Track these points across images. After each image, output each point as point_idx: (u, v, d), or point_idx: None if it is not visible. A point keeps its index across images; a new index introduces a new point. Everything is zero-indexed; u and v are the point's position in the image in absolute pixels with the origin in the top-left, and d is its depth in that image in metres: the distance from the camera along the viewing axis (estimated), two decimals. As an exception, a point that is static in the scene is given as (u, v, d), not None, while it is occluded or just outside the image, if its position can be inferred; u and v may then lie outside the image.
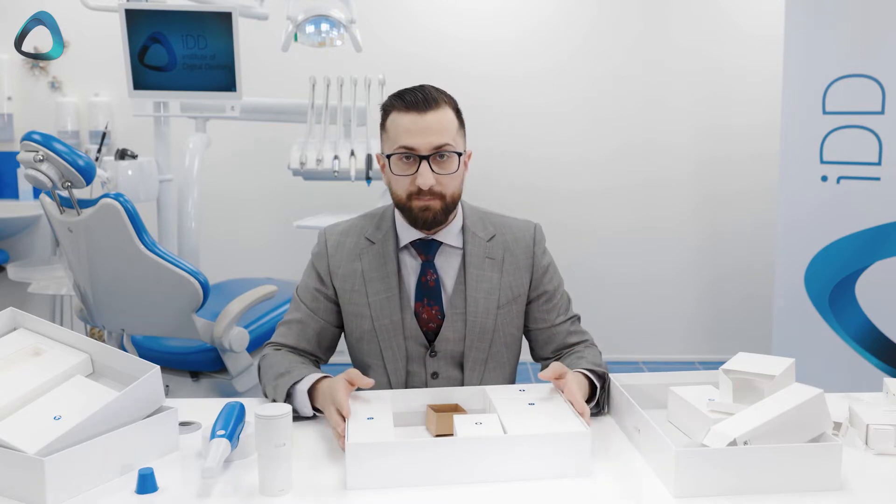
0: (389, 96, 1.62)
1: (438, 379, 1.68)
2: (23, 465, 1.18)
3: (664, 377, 1.60)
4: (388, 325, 1.65)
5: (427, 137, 1.55)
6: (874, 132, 2.87)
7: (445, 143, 1.56)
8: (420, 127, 1.55)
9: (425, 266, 1.66)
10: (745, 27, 4.25)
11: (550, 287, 1.72)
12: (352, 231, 1.72)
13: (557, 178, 4.35)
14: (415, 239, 1.66)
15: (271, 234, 4.34)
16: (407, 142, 1.56)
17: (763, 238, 4.22)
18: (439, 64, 4.21)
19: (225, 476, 1.29)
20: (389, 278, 1.65)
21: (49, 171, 2.28)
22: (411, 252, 1.67)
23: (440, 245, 1.67)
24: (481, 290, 1.66)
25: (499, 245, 1.69)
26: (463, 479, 1.25)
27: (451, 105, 1.61)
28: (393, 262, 1.66)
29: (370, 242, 1.68)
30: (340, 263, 1.69)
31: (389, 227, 1.69)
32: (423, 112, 1.56)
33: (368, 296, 1.65)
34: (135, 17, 2.91)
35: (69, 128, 4.20)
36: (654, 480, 1.27)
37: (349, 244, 1.70)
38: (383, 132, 1.63)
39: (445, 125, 1.57)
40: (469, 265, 1.66)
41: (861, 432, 1.42)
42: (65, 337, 1.48)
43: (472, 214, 1.72)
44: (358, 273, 1.67)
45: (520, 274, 1.70)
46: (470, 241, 1.68)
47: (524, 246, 1.71)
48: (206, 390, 2.73)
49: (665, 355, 4.46)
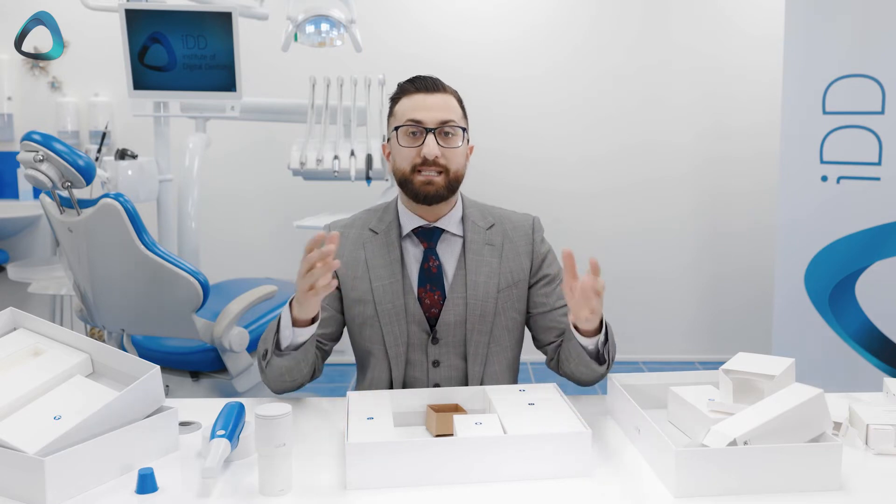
0: (398, 84, 1.71)
1: (440, 367, 1.68)
2: (23, 465, 1.18)
3: (664, 377, 1.60)
4: (391, 310, 1.67)
5: (433, 112, 1.64)
6: (874, 132, 2.87)
7: (451, 118, 1.65)
8: (427, 104, 1.65)
9: (427, 253, 1.70)
10: (745, 27, 4.25)
11: (551, 271, 1.75)
12: (356, 223, 1.77)
13: (557, 179, 4.35)
14: (417, 227, 1.70)
15: (271, 234, 4.34)
16: (415, 115, 1.64)
17: (763, 238, 4.22)
18: (439, 64, 4.20)
19: (225, 476, 1.29)
20: (393, 265, 1.69)
21: (49, 171, 2.28)
22: (413, 240, 1.71)
23: (442, 233, 1.71)
24: (481, 274, 1.69)
25: (498, 233, 1.74)
26: (463, 479, 1.25)
27: (455, 95, 1.71)
28: (396, 250, 1.70)
29: (374, 233, 1.73)
30: (344, 252, 1.72)
31: (393, 218, 1.73)
32: (431, 93, 1.66)
33: (372, 282, 1.69)
34: (135, 17, 2.91)
35: (69, 128, 4.20)
36: (654, 480, 1.27)
37: (353, 235, 1.74)
38: (391, 117, 1.71)
39: (451, 107, 1.67)
40: (469, 251, 1.71)
41: (861, 432, 1.42)
42: (65, 337, 1.48)
43: (472, 206, 1.77)
44: (361, 261, 1.71)
45: (519, 259, 1.74)
46: (470, 228, 1.73)
47: (523, 234, 1.76)
48: (206, 390, 2.73)
49: (665, 355, 4.46)
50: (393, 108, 1.70)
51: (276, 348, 1.56)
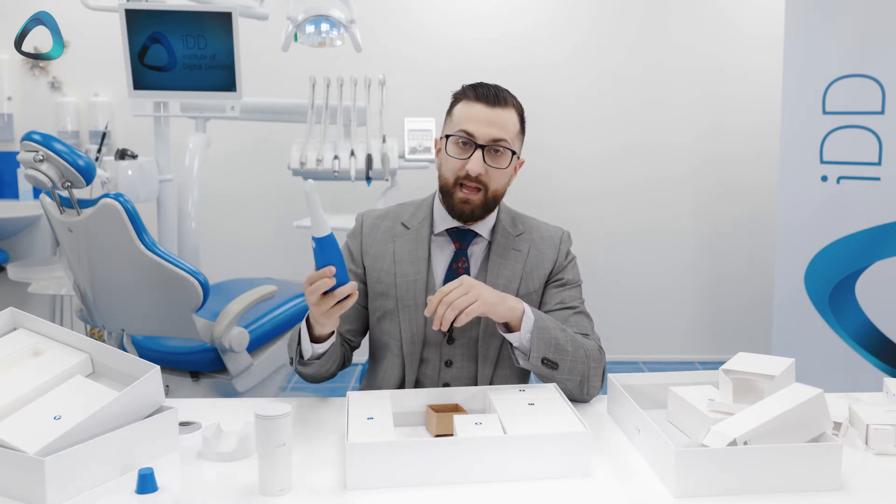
0: (463, 86, 1.68)
1: (451, 368, 1.68)
2: (23, 465, 1.18)
3: (664, 377, 1.60)
4: (412, 306, 1.68)
5: (488, 128, 1.61)
6: (874, 132, 2.87)
7: (504, 137, 1.62)
8: (484, 117, 1.61)
9: (458, 253, 1.70)
10: (745, 27, 4.26)
11: (567, 276, 1.75)
12: (388, 216, 1.77)
13: (557, 178, 4.35)
14: (450, 227, 1.70)
15: (271, 234, 4.34)
16: (468, 127, 1.61)
17: (763, 238, 4.22)
18: (439, 64, 4.21)
19: (225, 476, 1.29)
20: (419, 262, 1.69)
21: (49, 171, 2.28)
22: (446, 238, 1.72)
23: (475, 235, 1.71)
24: (501, 277, 1.69)
25: (525, 241, 1.74)
26: (463, 479, 1.25)
27: (518, 109, 1.67)
28: (425, 248, 1.70)
29: (405, 228, 1.73)
30: (373, 243, 1.73)
31: (426, 215, 1.73)
32: (492, 106, 1.62)
33: (396, 276, 1.69)
34: (135, 17, 2.91)
35: (69, 128, 4.20)
36: (654, 480, 1.27)
37: (384, 227, 1.75)
38: (448, 118, 1.69)
39: (508, 124, 1.63)
40: (493, 254, 1.71)
41: (861, 432, 1.42)
42: (65, 337, 1.48)
43: (507, 213, 1.78)
44: (389, 254, 1.71)
45: (542, 266, 1.73)
46: (500, 233, 1.73)
47: (550, 244, 1.76)
48: (206, 390, 2.73)
49: (665, 355, 4.46)
50: (451, 109, 1.68)
51: (300, 357, 1.58)
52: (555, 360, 1.56)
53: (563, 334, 1.59)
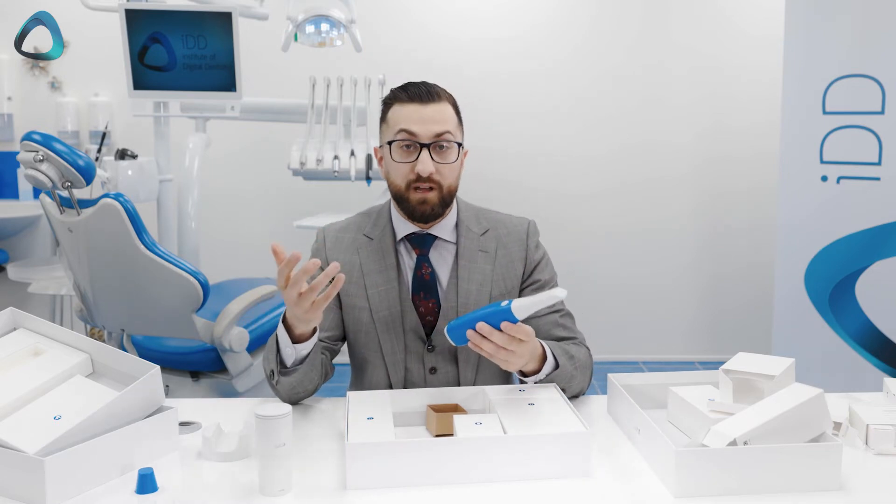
0: (391, 89, 1.65)
1: (436, 374, 1.68)
2: (23, 465, 1.18)
3: (664, 377, 1.60)
4: (387, 317, 1.65)
5: (428, 125, 1.58)
6: (874, 132, 2.87)
7: (446, 130, 1.59)
8: (421, 116, 1.58)
9: (420, 260, 1.67)
10: (745, 27, 4.26)
11: (542, 277, 1.72)
12: (350, 227, 1.74)
13: (557, 179, 4.35)
14: (410, 233, 1.67)
15: (271, 234, 4.34)
16: (409, 127, 1.58)
17: (763, 238, 4.22)
18: (439, 64, 4.21)
19: (225, 476, 1.29)
20: (388, 271, 1.67)
21: (49, 171, 2.28)
22: (406, 247, 1.69)
23: (434, 240, 1.68)
24: (473, 282, 1.67)
25: (491, 239, 1.71)
26: (463, 479, 1.25)
27: (451, 101, 1.65)
28: (392, 256, 1.67)
29: (368, 238, 1.70)
30: (338, 256, 1.69)
31: (386, 223, 1.70)
32: (425, 103, 1.59)
33: (367, 288, 1.66)
34: (135, 17, 2.91)
35: (69, 128, 4.20)
36: (654, 480, 1.27)
37: (347, 239, 1.71)
38: (383, 124, 1.65)
39: (447, 117, 1.61)
40: (461, 258, 1.68)
41: (861, 432, 1.42)
42: (65, 337, 1.48)
43: (467, 210, 1.74)
44: (356, 265, 1.68)
45: (513, 266, 1.71)
46: (464, 234, 1.69)
47: (517, 239, 1.72)
48: (206, 390, 2.73)
49: (665, 355, 4.46)
50: (385, 115, 1.64)
51: (282, 367, 1.53)
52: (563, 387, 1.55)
53: (572, 363, 1.59)
